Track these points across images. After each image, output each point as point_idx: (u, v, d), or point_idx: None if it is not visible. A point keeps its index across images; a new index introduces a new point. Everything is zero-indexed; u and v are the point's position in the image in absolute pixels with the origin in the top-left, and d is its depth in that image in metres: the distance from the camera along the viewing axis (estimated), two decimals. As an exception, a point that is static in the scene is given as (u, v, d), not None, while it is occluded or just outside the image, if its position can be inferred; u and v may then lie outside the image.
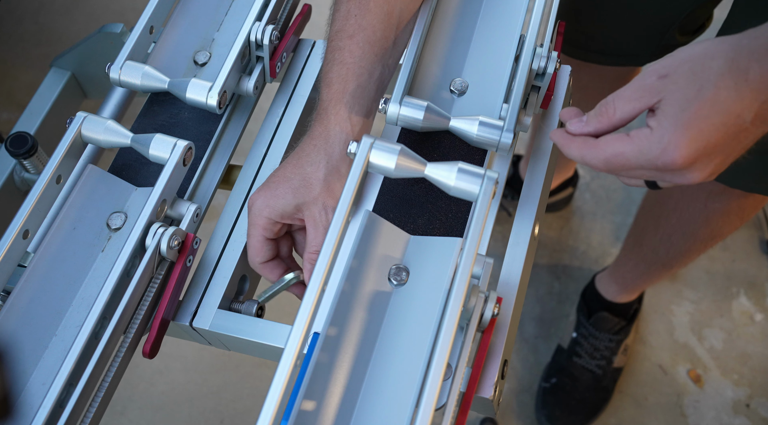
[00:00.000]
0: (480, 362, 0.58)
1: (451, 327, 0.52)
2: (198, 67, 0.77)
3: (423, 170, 0.61)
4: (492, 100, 0.69)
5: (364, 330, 0.57)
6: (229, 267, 0.70)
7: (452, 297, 0.54)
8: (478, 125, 0.66)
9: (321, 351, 0.54)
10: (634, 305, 1.43)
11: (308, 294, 0.55)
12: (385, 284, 0.59)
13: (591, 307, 1.43)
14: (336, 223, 0.57)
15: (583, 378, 1.40)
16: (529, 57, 0.67)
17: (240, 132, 0.79)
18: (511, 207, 1.45)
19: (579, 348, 1.41)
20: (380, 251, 0.60)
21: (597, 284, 1.44)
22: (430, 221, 0.66)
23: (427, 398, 0.50)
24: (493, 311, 0.57)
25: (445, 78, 0.71)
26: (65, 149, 0.66)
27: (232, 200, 0.74)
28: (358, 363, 0.56)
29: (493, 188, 0.58)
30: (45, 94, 0.92)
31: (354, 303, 0.57)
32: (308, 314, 0.54)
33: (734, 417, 1.40)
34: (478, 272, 0.59)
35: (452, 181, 0.60)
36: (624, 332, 1.41)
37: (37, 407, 0.58)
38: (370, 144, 0.60)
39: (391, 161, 0.60)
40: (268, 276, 0.70)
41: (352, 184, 0.59)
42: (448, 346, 0.52)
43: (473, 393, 0.57)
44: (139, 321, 0.64)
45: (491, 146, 0.66)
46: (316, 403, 0.53)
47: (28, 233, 0.64)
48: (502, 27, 0.73)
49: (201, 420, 1.38)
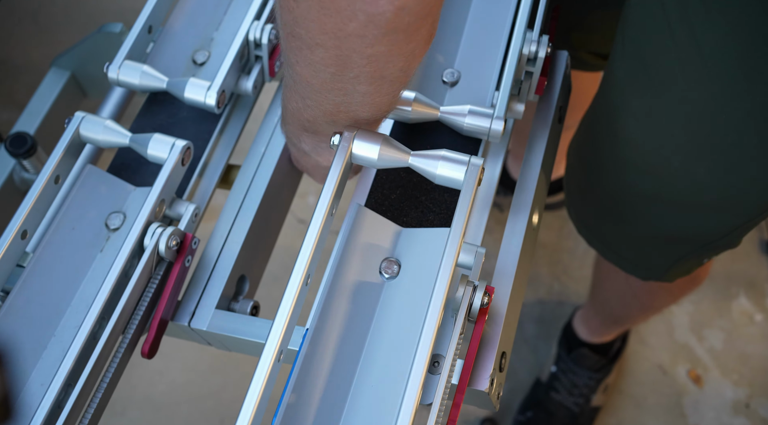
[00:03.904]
0: (472, 353, 0.57)
1: (435, 317, 0.52)
2: (197, 67, 0.77)
3: (407, 160, 0.60)
4: (484, 88, 0.69)
5: (355, 324, 0.57)
6: (228, 267, 0.70)
7: (436, 286, 0.53)
8: (468, 114, 0.65)
9: (311, 346, 0.54)
10: (615, 344, 1.39)
11: (289, 288, 0.54)
12: (376, 277, 0.59)
13: (571, 342, 1.40)
14: (318, 215, 0.57)
15: (559, 415, 1.37)
16: (519, 42, 0.66)
17: (239, 132, 0.79)
18: (504, 203, 1.45)
19: (557, 383, 1.38)
20: (371, 244, 0.60)
21: (574, 321, 1.40)
22: (424, 214, 0.65)
23: (410, 390, 0.50)
24: (482, 301, 0.56)
25: (437, 69, 0.71)
26: (63, 148, 0.66)
27: (231, 199, 0.74)
28: (349, 358, 0.55)
29: (478, 174, 0.58)
30: (45, 94, 0.92)
31: (345, 297, 0.57)
32: (289, 308, 0.53)
33: (734, 417, 1.40)
34: (468, 262, 0.58)
35: (436, 169, 0.59)
36: (605, 371, 1.38)
37: (35, 407, 0.57)
38: (353, 135, 0.60)
39: (374, 152, 0.59)
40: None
41: (335, 176, 0.58)
42: (431, 337, 0.51)
43: (466, 385, 0.56)
44: (137, 321, 0.64)
45: (482, 135, 0.66)
46: (306, 399, 0.53)
47: (26, 234, 0.64)
48: (495, 15, 0.72)
49: (201, 421, 1.38)
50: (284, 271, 1.50)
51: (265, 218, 0.76)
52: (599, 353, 1.38)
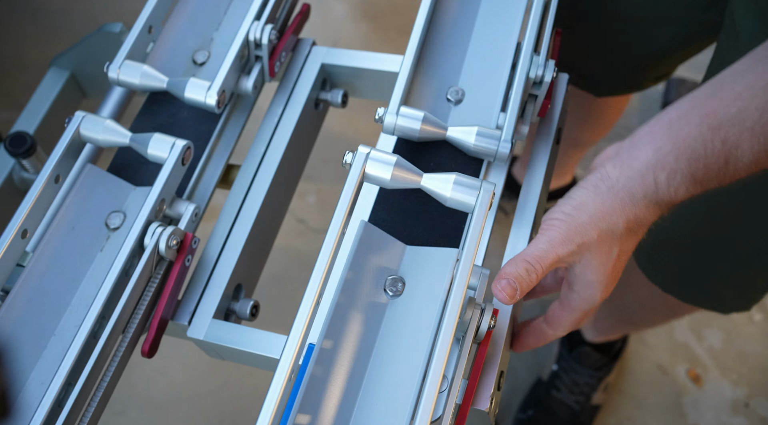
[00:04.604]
0: (476, 374, 0.57)
1: (447, 340, 0.52)
2: (197, 67, 0.77)
3: (419, 182, 0.60)
4: (489, 108, 0.69)
5: (359, 342, 0.56)
6: (228, 267, 0.70)
7: (448, 310, 0.53)
8: (476, 135, 0.65)
9: (316, 363, 0.53)
10: (617, 343, 1.41)
11: (303, 305, 0.54)
12: (381, 295, 0.59)
13: (573, 341, 1.40)
14: (331, 234, 0.56)
15: (560, 413, 1.38)
16: (527, 65, 0.66)
17: (239, 131, 0.79)
18: (508, 207, 1.45)
19: (558, 381, 1.39)
20: (376, 262, 0.59)
21: None
22: (427, 231, 0.65)
23: (423, 410, 0.50)
24: (489, 324, 0.56)
25: (441, 86, 0.71)
26: (63, 148, 0.66)
27: (231, 199, 0.74)
28: (354, 375, 0.55)
29: (490, 199, 0.58)
30: (44, 94, 0.92)
31: (349, 314, 0.57)
32: (303, 326, 0.54)
33: (733, 416, 1.40)
34: (475, 284, 0.58)
35: (448, 192, 0.59)
36: (606, 369, 1.39)
37: (35, 406, 0.58)
38: (366, 155, 0.60)
39: (386, 172, 0.59)
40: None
41: (348, 195, 0.58)
42: (444, 359, 0.51)
43: (469, 405, 0.56)
44: (137, 321, 0.64)
45: (489, 156, 0.66)
46: (311, 416, 0.52)
47: (26, 233, 0.64)
48: (499, 34, 0.72)
49: (201, 420, 1.38)
50: (283, 270, 1.50)
51: (265, 218, 0.76)
52: (601, 351, 1.38)
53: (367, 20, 1.82)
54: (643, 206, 0.55)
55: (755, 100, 0.51)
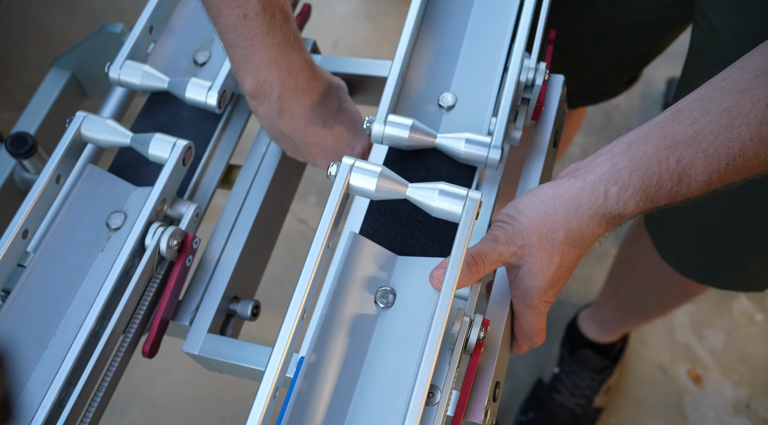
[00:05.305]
0: (467, 386, 0.56)
1: (433, 352, 0.51)
2: (198, 67, 0.77)
3: (405, 192, 0.59)
4: (480, 114, 0.68)
5: (350, 354, 0.56)
6: (229, 267, 0.70)
7: (434, 322, 0.52)
8: (465, 143, 0.65)
9: (306, 376, 0.53)
10: (617, 345, 1.40)
11: (288, 318, 0.54)
12: (371, 306, 0.58)
13: (574, 343, 1.40)
14: (315, 247, 0.56)
15: (562, 416, 1.38)
16: (517, 69, 0.65)
17: (240, 132, 0.79)
18: None
19: (560, 384, 1.39)
20: (366, 273, 0.59)
21: (579, 322, 1.41)
22: (419, 241, 0.64)
23: (409, 422, 0.49)
24: (478, 336, 0.56)
25: (432, 92, 0.70)
26: (65, 148, 0.66)
27: (232, 199, 0.74)
28: (344, 388, 0.55)
29: (476, 208, 0.57)
30: (45, 94, 0.92)
31: (340, 327, 0.56)
32: (288, 338, 0.53)
33: (734, 417, 1.40)
34: (464, 293, 0.58)
35: (434, 202, 0.58)
36: (607, 372, 1.38)
37: (36, 407, 0.58)
38: (350, 166, 0.59)
39: (371, 184, 0.58)
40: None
41: (332, 207, 0.57)
42: (430, 371, 0.51)
43: (461, 417, 0.56)
44: (138, 321, 0.64)
45: (479, 163, 0.65)
46: None
47: (27, 233, 0.64)
48: (491, 38, 0.72)
49: (201, 420, 1.38)
50: (284, 271, 1.50)
51: (266, 218, 0.76)
52: (602, 354, 1.38)
53: (368, 20, 1.82)
54: (587, 217, 0.56)
55: (711, 124, 0.54)
